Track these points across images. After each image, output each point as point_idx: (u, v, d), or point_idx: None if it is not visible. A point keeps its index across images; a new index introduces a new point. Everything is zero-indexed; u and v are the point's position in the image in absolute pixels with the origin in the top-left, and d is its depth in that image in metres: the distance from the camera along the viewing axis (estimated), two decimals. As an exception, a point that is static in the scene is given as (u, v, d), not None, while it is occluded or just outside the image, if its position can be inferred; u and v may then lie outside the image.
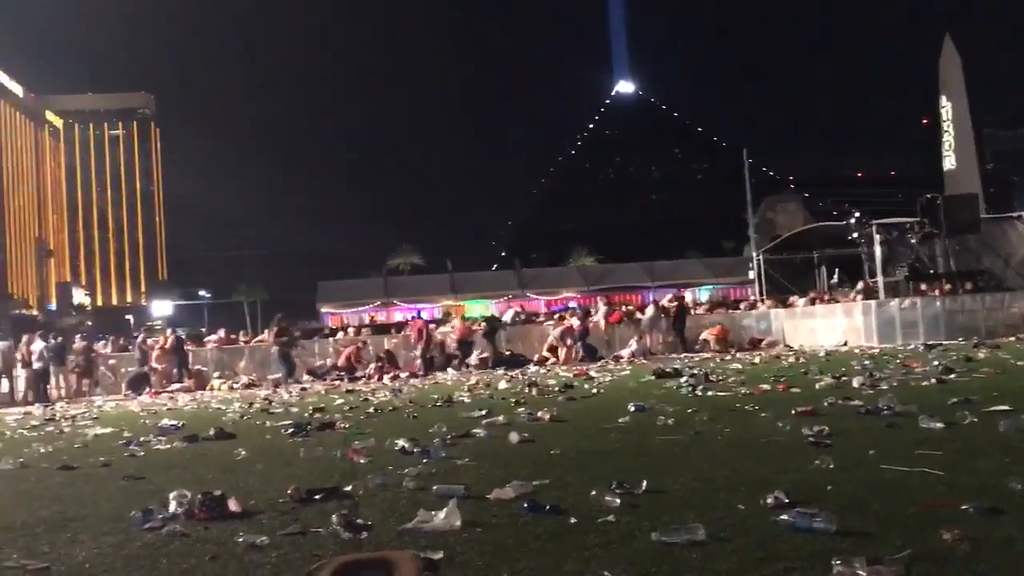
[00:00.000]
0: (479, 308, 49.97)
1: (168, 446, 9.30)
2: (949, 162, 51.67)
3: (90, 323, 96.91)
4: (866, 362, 14.98)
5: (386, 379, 20.88)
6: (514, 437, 7.81)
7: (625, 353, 23.50)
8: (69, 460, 8.37)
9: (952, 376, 11.47)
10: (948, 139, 51.79)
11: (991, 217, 30.99)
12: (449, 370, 22.31)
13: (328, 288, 52.99)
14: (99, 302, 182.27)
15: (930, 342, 19.89)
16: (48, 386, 22.63)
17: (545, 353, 23.70)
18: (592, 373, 17.67)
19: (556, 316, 29.67)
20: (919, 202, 27.26)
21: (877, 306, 23.01)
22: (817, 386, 11.21)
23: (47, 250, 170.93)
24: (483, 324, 25.49)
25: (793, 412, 8.21)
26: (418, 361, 22.78)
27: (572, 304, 48.67)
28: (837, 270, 30.47)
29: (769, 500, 4.52)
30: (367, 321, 44.47)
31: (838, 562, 3.28)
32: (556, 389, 13.70)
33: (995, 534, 3.71)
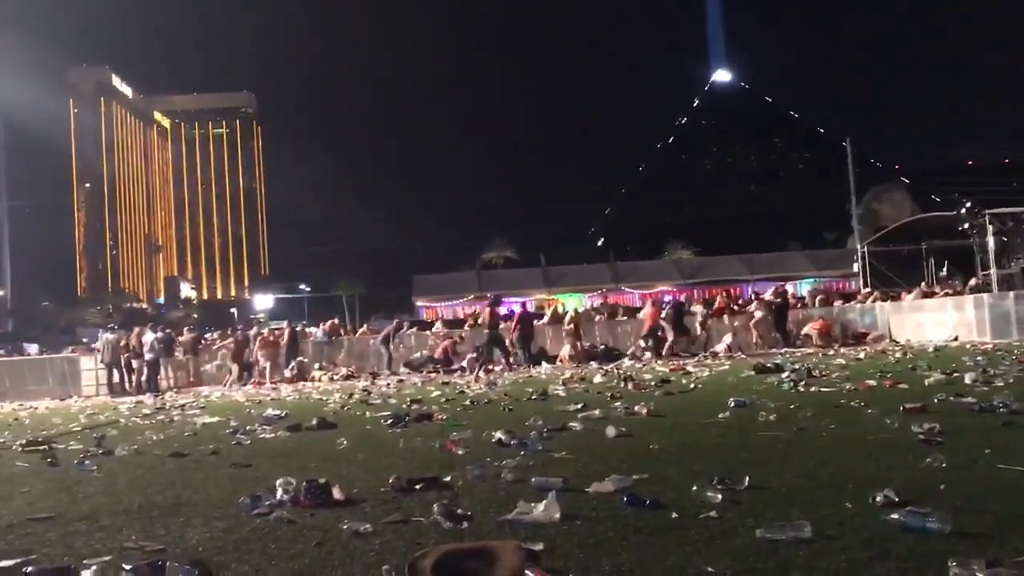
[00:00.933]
0: (572, 302, 49.88)
1: (273, 435, 9.57)
2: (1068, 148, 49.13)
3: (196, 316, 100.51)
4: (979, 358, 14.36)
5: (481, 372, 21.01)
6: (611, 431, 7.76)
7: (720, 348, 23.10)
8: (180, 447, 8.70)
9: (1073, 373, 10.91)
10: (1067, 124, 49.26)
11: (1115, 206, 29.32)
12: (544, 364, 22.24)
13: (423, 282, 53.65)
14: (204, 295, 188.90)
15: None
16: (159, 376, 23.57)
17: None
18: (690, 368, 17.43)
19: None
20: (1035, 190, 26.01)
21: (990, 299, 22.04)
22: (926, 382, 10.79)
23: (156, 246, 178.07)
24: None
25: (901, 409, 7.92)
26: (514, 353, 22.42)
27: (668, 298, 48.12)
28: (947, 262, 29.32)
29: (878, 498, 4.38)
30: (460, 315, 44.89)
31: (954, 564, 3.15)
32: (652, 384, 13.56)
33: (1126, 539, 3.51)
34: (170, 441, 9.61)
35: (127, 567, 3.75)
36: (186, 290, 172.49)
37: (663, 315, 23.20)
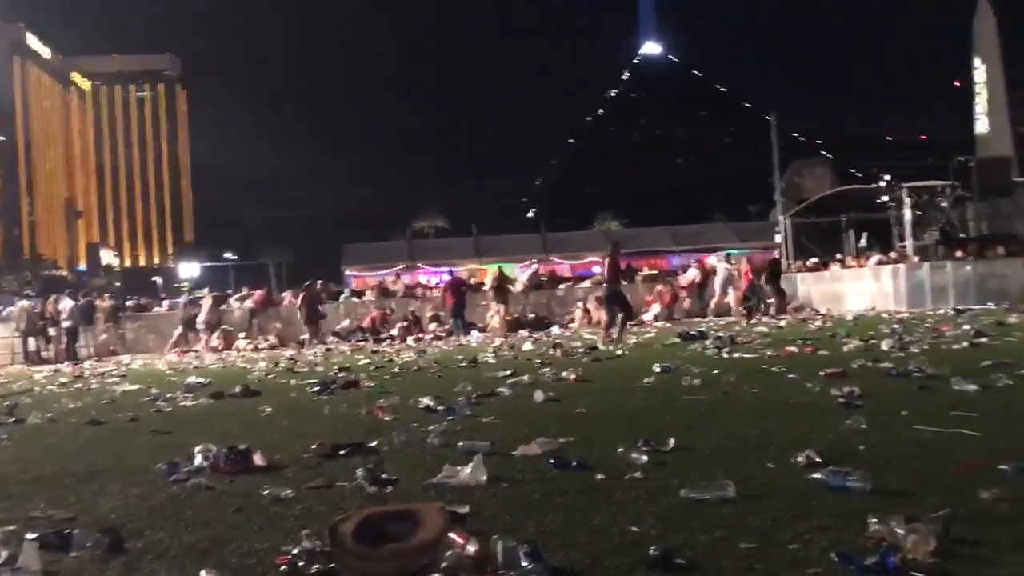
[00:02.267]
0: (505, 271, 49.90)
1: (194, 403, 9.36)
2: (981, 125, 50.87)
3: (118, 284, 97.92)
4: (895, 326, 14.77)
5: (410, 340, 20.91)
6: (539, 396, 7.76)
7: (648, 316, 23.35)
8: (97, 415, 8.45)
9: (984, 340, 11.27)
10: (981, 102, 50.94)
11: (1024, 181, 30.39)
12: (474, 332, 22.20)
13: (353, 250, 52.98)
14: (127, 263, 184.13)
15: (960, 307, 19.59)
16: (77, 344, 22.87)
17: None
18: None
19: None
20: (951, 165, 26.78)
21: (906, 270, 22.68)
22: (845, 349, 11.06)
23: (76, 211, 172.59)
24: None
25: (822, 374, 8.09)
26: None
27: (596, 268, 48.48)
28: (866, 234, 30.02)
29: (800, 459, 4.45)
30: (390, 283, 44.56)
31: (874, 520, 3.20)
32: (581, 351, 13.63)
33: (1035, 494, 3.61)
34: (87, 409, 9.34)
35: (31, 536, 3.59)
36: (108, 257, 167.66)
37: (762, 276, 22.51)
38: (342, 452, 5.45)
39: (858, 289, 24.03)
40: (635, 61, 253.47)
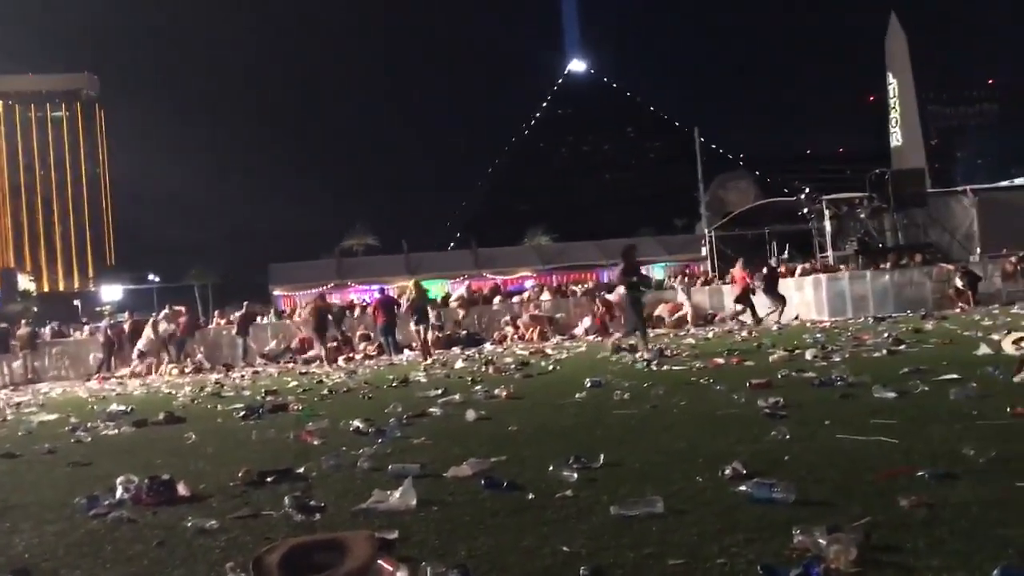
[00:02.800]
0: (435, 288, 49.72)
1: (116, 431, 9.08)
2: (896, 138, 52.51)
3: (36, 309, 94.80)
4: (818, 335, 15.13)
5: (340, 360, 20.67)
6: (471, 415, 7.74)
7: (579, 330, 23.51)
8: (12, 448, 8.15)
9: (902, 347, 11.62)
10: (895, 115, 52.61)
11: (937, 192, 31.52)
12: (405, 351, 22.05)
13: (280, 270, 52.18)
14: (45, 288, 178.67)
15: (879, 315, 20.18)
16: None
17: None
18: (548, 350, 17.64)
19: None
20: (868, 177, 27.65)
21: (828, 280, 23.27)
22: (770, 359, 11.28)
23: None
24: None
25: (748, 385, 8.23)
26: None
27: (529, 283, 48.65)
28: (788, 245, 30.80)
29: (727, 471, 4.51)
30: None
31: (798, 531, 3.26)
32: (513, 367, 13.64)
33: (951, 499, 3.72)
34: (1, 442, 8.98)
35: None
36: (24, 282, 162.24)
37: (757, 281, 22.32)
38: (269, 479, 5.34)
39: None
40: (560, 79, 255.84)
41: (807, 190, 29.06)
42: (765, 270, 22.71)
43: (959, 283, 21.78)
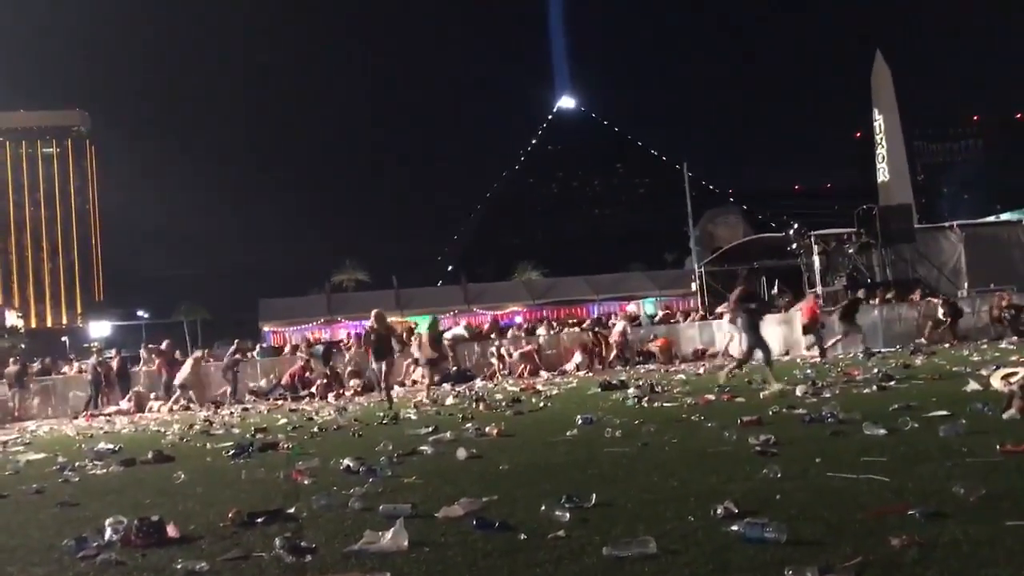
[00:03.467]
0: (425, 324, 49.65)
1: (104, 471, 9.00)
2: (883, 174, 53.03)
3: (24, 346, 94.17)
4: (808, 371, 15.16)
5: (330, 397, 20.59)
6: (462, 453, 7.71)
7: (569, 366, 23.50)
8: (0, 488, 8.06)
9: (892, 383, 11.66)
10: (881, 151, 53.17)
11: (924, 227, 31.78)
12: (396, 387, 21.97)
13: (270, 306, 52.09)
14: (33, 324, 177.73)
15: (871, 350, 20.21)
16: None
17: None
18: (539, 387, 17.62)
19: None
20: (856, 213, 27.85)
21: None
22: (761, 395, 11.29)
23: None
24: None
25: (739, 422, 8.24)
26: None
27: (518, 319, 48.63)
28: (777, 281, 30.89)
29: (719, 511, 4.51)
30: (310, 339, 43.91)
31: (790, 572, 3.26)
32: (504, 404, 13.62)
33: (942, 538, 3.73)
34: (-13, 482, 8.89)
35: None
36: (12, 318, 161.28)
37: (832, 311, 21.30)
38: (259, 520, 5.30)
39: (771, 335, 24.57)
40: (550, 116, 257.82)
41: (796, 225, 29.12)
42: (851, 300, 21.57)
43: (941, 314, 21.92)
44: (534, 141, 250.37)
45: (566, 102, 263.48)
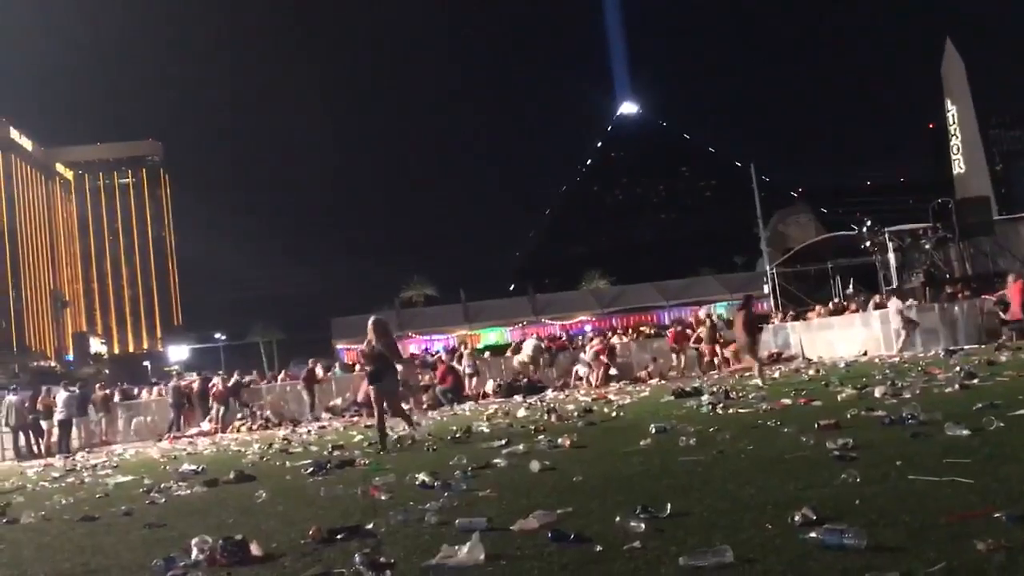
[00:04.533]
0: (494, 336, 49.89)
1: (189, 491, 9.26)
2: (958, 165, 51.45)
3: (108, 371, 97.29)
4: (887, 371, 14.81)
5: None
6: (535, 465, 7.73)
7: (642, 373, 23.35)
8: (90, 511, 8.34)
9: (975, 381, 11.32)
10: (955, 143, 51.60)
11: (1004, 218, 30.84)
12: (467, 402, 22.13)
13: (342, 324, 52.90)
14: (116, 350, 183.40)
15: (951, 347, 19.66)
16: (70, 436, 22.65)
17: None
18: (611, 396, 17.55)
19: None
20: (931, 207, 27.19)
21: (895, 314, 22.76)
22: (839, 398, 11.07)
23: (63, 301, 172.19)
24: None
25: (816, 426, 8.10)
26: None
27: (588, 328, 48.48)
28: (852, 279, 30.28)
29: (797, 518, 4.44)
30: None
31: (871, 579, 3.21)
32: (575, 414, 13.60)
33: (1030, 542, 3.62)
34: (80, 504, 9.21)
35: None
36: (96, 345, 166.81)
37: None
38: (339, 536, 5.39)
39: (848, 335, 24.09)
40: (612, 122, 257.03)
41: (869, 222, 28.50)
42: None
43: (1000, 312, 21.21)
44: (597, 148, 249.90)
45: (627, 107, 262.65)
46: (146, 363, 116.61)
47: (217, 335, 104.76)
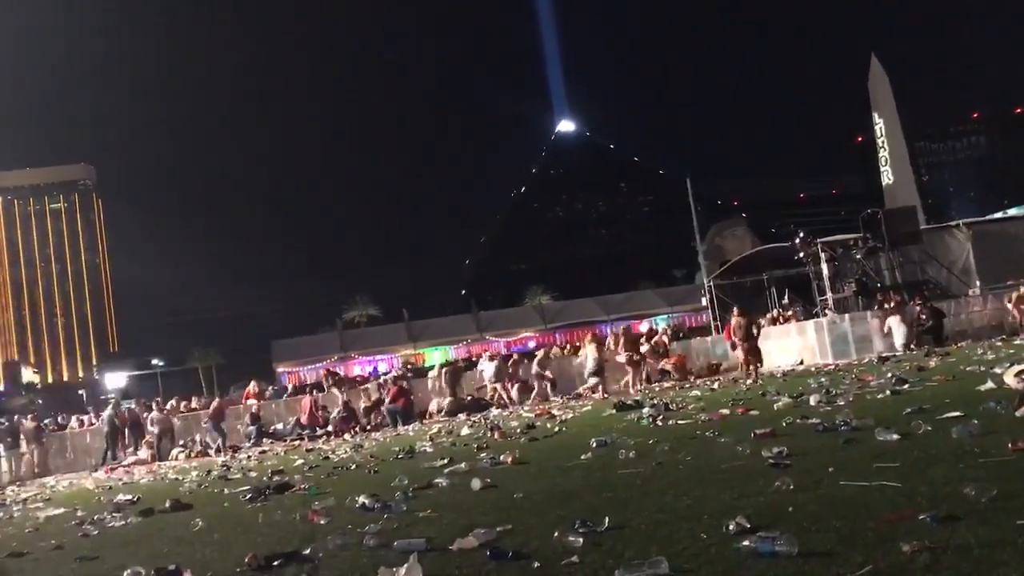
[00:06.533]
0: (438, 355, 49.69)
1: (123, 522, 9.03)
2: (886, 177, 53.02)
3: (40, 401, 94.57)
4: (822, 379, 15.10)
5: (346, 436, 20.59)
6: (476, 484, 7.70)
7: (583, 388, 23.40)
8: (18, 546, 8.10)
9: (906, 386, 11.60)
10: (884, 155, 53.17)
11: (931, 228, 31.67)
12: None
13: (283, 346, 52.27)
14: (50, 379, 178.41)
15: (883, 354, 20.14)
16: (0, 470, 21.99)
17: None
18: (554, 411, 17.59)
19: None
20: (861, 217, 27.81)
21: (829, 323, 23.29)
22: (775, 407, 11.25)
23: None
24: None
25: (753, 435, 8.22)
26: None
27: (531, 344, 48.59)
28: (787, 290, 30.81)
29: (731, 527, 4.50)
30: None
31: (800, 584, 3.26)
32: (518, 431, 13.60)
33: (953, 541, 3.72)
34: (8, 540, 8.94)
35: None
36: (28, 375, 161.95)
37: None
38: (276, 563, 5.32)
39: (785, 345, 24.53)
40: (551, 139, 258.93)
41: (802, 234, 29.05)
42: None
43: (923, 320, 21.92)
44: (536, 166, 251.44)
45: (565, 125, 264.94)
46: (81, 392, 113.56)
47: (155, 361, 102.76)
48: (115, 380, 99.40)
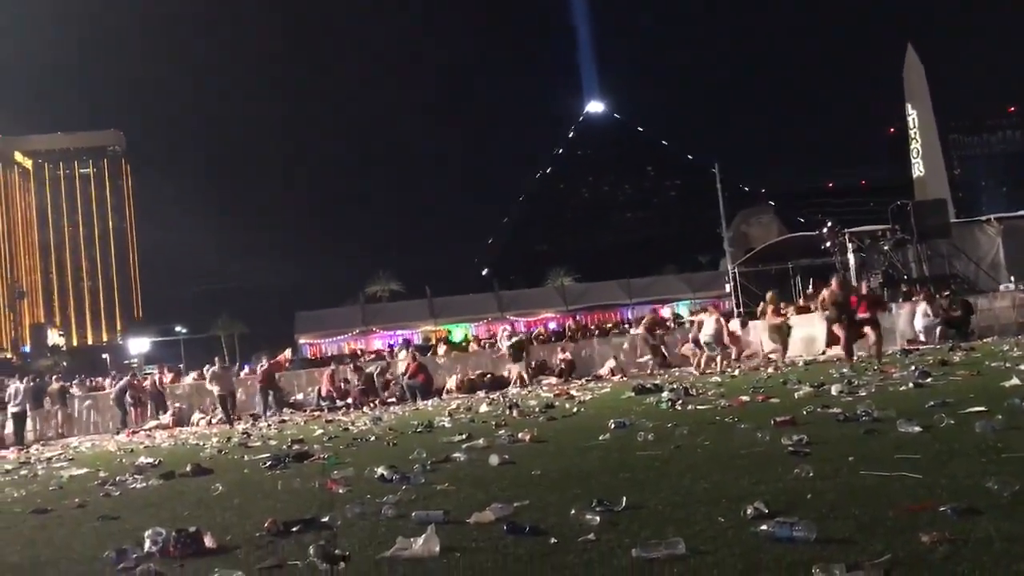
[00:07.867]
0: (459, 332, 49.86)
1: (144, 484, 9.15)
2: (918, 169, 52.34)
3: (65, 364, 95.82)
4: (844, 370, 15.00)
5: (366, 408, 20.73)
6: (494, 459, 7.74)
7: (603, 370, 23.45)
8: (43, 503, 8.21)
9: (929, 380, 11.50)
10: (916, 146, 52.48)
11: (960, 221, 31.33)
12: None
13: (306, 318, 52.65)
14: (74, 342, 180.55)
15: (908, 342, 19.98)
16: (25, 429, 22.31)
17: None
18: (573, 392, 17.62)
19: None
20: (890, 209, 27.56)
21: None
22: (796, 396, 11.19)
23: (20, 292, 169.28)
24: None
25: (772, 422, 8.19)
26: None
27: (552, 324, 48.63)
28: (812, 279, 30.60)
29: (749, 511, 4.49)
30: (346, 350, 44.27)
31: (817, 569, 3.26)
32: (537, 410, 13.64)
33: (973, 535, 3.70)
34: (32, 497, 9.07)
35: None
36: (54, 337, 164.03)
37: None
38: (295, 529, 5.37)
39: (809, 334, 24.34)
40: (579, 121, 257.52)
41: (829, 223, 28.83)
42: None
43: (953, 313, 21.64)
44: (563, 147, 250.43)
45: (594, 106, 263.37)
46: (105, 356, 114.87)
47: (178, 328, 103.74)
48: (138, 345, 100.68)
